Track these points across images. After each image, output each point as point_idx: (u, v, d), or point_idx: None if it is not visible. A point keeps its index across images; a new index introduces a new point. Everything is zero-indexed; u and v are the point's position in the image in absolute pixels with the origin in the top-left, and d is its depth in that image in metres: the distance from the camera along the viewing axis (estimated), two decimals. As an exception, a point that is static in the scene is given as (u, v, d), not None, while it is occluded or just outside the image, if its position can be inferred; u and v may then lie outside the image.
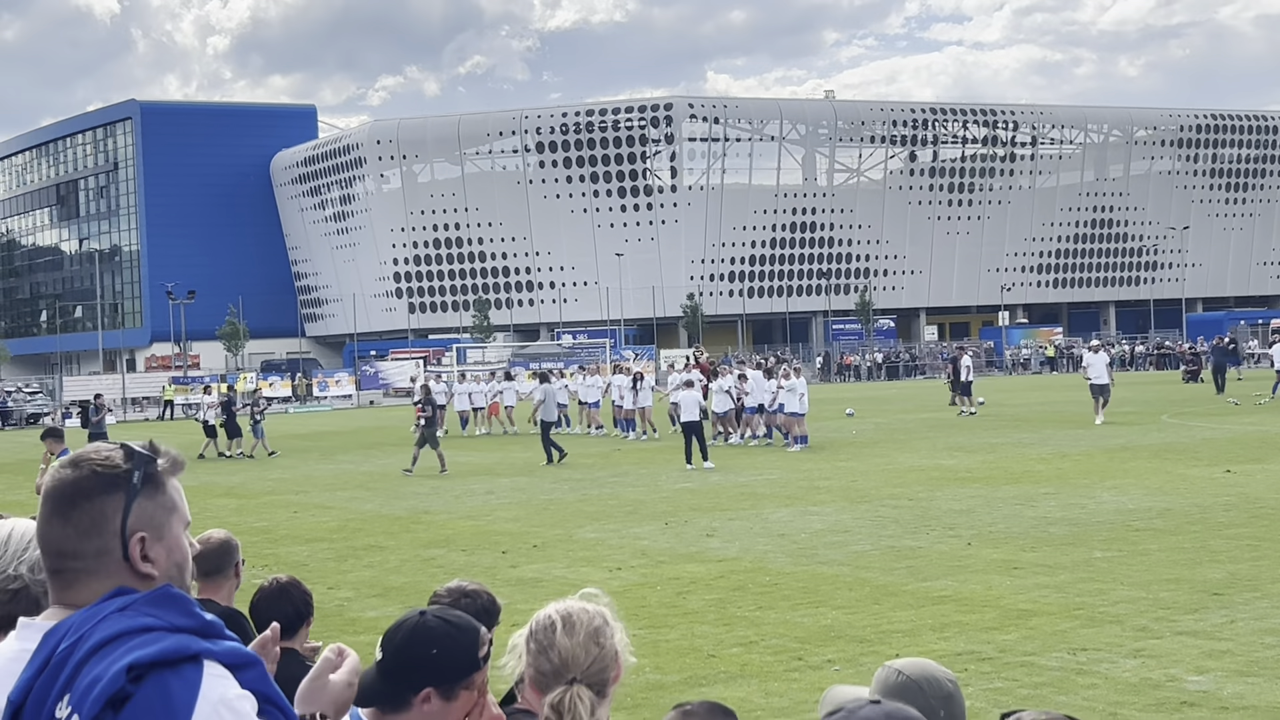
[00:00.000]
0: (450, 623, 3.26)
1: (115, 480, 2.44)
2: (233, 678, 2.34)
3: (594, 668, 3.14)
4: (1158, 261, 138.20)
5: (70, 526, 2.42)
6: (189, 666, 2.29)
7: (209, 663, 2.32)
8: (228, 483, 31.37)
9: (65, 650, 2.32)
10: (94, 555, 2.42)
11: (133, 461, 2.46)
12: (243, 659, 2.38)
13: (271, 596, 5.21)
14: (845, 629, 12.42)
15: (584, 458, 33.73)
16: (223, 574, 5.78)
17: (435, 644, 3.22)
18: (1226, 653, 10.95)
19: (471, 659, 3.24)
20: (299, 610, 5.17)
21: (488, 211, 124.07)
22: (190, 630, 2.35)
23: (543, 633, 3.19)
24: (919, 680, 3.04)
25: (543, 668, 3.15)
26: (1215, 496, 20.77)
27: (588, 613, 3.23)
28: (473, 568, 16.97)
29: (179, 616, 2.36)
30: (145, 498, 2.46)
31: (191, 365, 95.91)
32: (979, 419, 42.19)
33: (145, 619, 2.33)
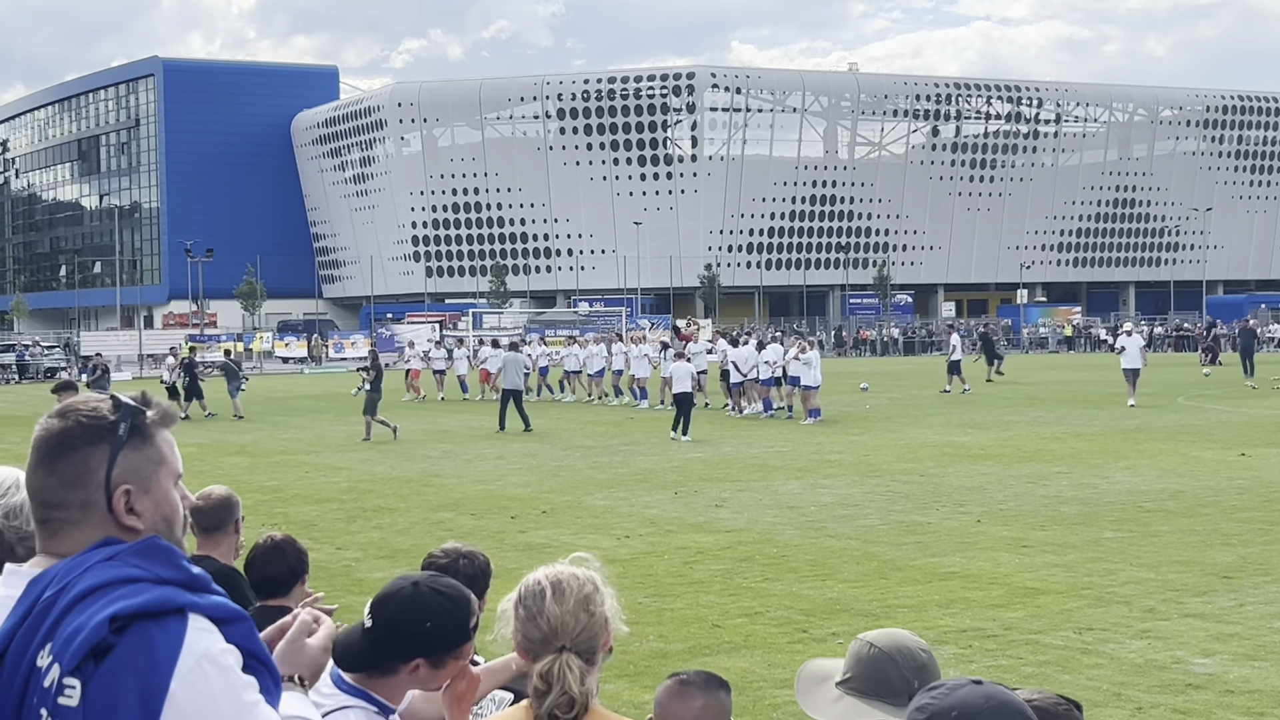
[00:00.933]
0: (444, 594, 3.24)
1: (100, 431, 2.41)
2: (218, 632, 2.31)
3: (583, 635, 3.08)
4: (1179, 243, 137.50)
5: (55, 477, 2.40)
6: (173, 619, 2.27)
7: (194, 616, 2.29)
8: (240, 441, 31.45)
9: (49, 599, 2.30)
10: (78, 506, 2.40)
11: (119, 413, 2.44)
12: (229, 613, 2.34)
13: (268, 554, 5.20)
14: (851, 603, 12.40)
15: (596, 425, 33.73)
16: (222, 530, 5.76)
17: (429, 617, 3.19)
18: (1234, 636, 10.91)
19: (463, 631, 3.23)
20: (293, 568, 5.16)
21: (507, 177, 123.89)
22: (176, 583, 2.32)
23: (532, 599, 3.11)
24: (890, 651, 3.03)
25: (531, 635, 3.08)
26: (1229, 479, 20.69)
27: (578, 579, 3.15)
28: (481, 532, 16.99)
29: (165, 569, 2.33)
30: (131, 449, 2.43)
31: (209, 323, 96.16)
32: (995, 396, 42.09)
33: (130, 570, 2.31)
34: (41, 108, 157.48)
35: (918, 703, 2.17)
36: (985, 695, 2.12)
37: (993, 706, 2.12)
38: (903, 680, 2.90)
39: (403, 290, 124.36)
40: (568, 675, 3.00)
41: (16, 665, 2.29)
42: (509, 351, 36.11)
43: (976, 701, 2.11)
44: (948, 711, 2.11)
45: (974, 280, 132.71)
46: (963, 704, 2.11)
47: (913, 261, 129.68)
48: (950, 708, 2.11)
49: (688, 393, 30.39)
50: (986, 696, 2.12)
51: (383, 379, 32.22)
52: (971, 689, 2.14)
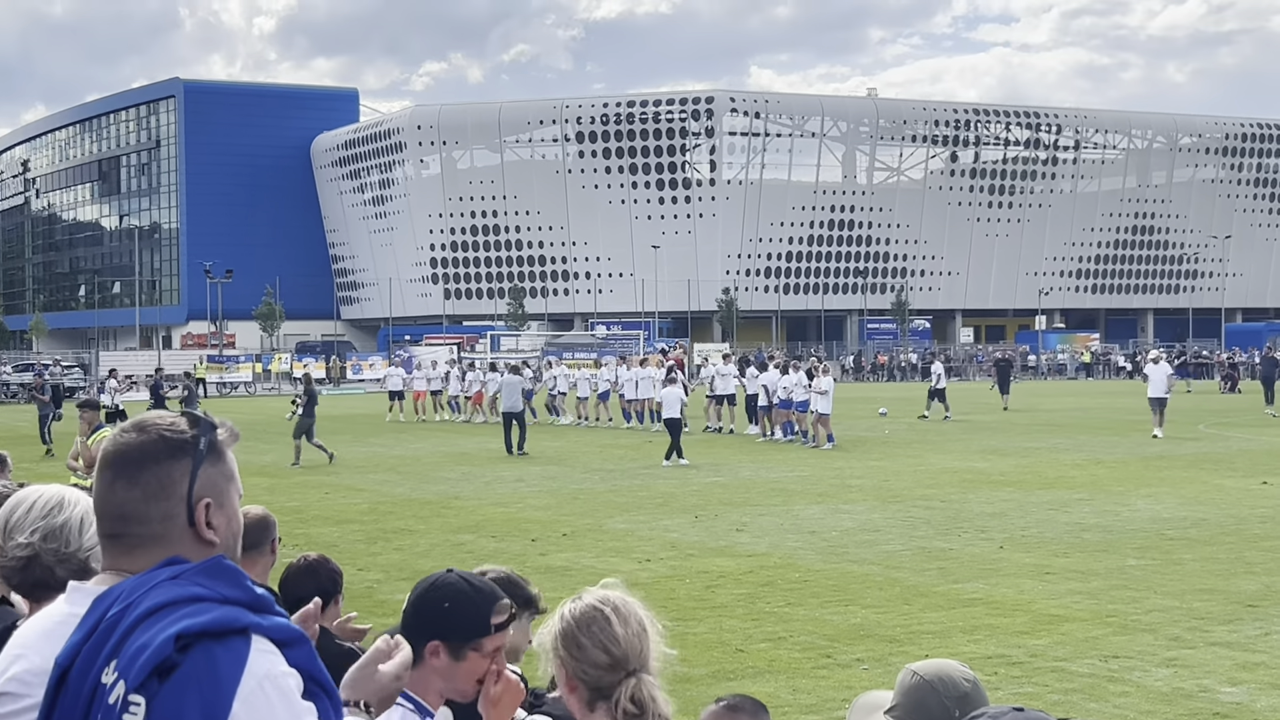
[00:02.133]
0: (470, 583, 3.35)
1: (183, 445, 2.45)
2: (280, 654, 2.32)
3: (644, 655, 3.09)
4: (1198, 270, 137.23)
5: (137, 489, 2.42)
6: (237, 639, 2.28)
7: (257, 637, 2.31)
8: (260, 461, 31.49)
9: (115, 616, 2.32)
10: (160, 520, 2.43)
11: (198, 428, 2.49)
12: (291, 635, 2.36)
13: (300, 574, 5.20)
14: (875, 628, 12.37)
15: (615, 449, 33.73)
16: (259, 550, 5.76)
17: (448, 599, 3.31)
18: (1260, 665, 10.86)
19: (481, 622, 3.30)
20: (325, 588, 5.15)
21: (526, 200, 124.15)
22: (240, 603, 2.34)
23: (596, 626, 3.09)
24: (932, 680, 3.06)
25: (598, 661, 3.05)
26: (1251, 508, 20.61)
27: (628, 602, 3.16)
28: (502, 554, 16.98)
29: (230, 588, 2.35)
30: (209, 464, 2.48)
31: (227, 344, 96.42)
32: (1014, 423, 42.00)
33: (195, 588, 2.33)
34: (62, 128, 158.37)
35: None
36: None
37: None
38: (943, 709, 2.91)
39: (421, 312, 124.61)
40: (657, 694, 3.02)
41: (81, 682, 2.31)
42: (509, 375, 36.18)
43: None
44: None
45: (992, 306, 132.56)
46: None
47: (931, 287, 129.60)
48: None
49: (677, 418, 30.11)
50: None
51: (316, 404, 32.17)
52: (1014, 716, 2.14)
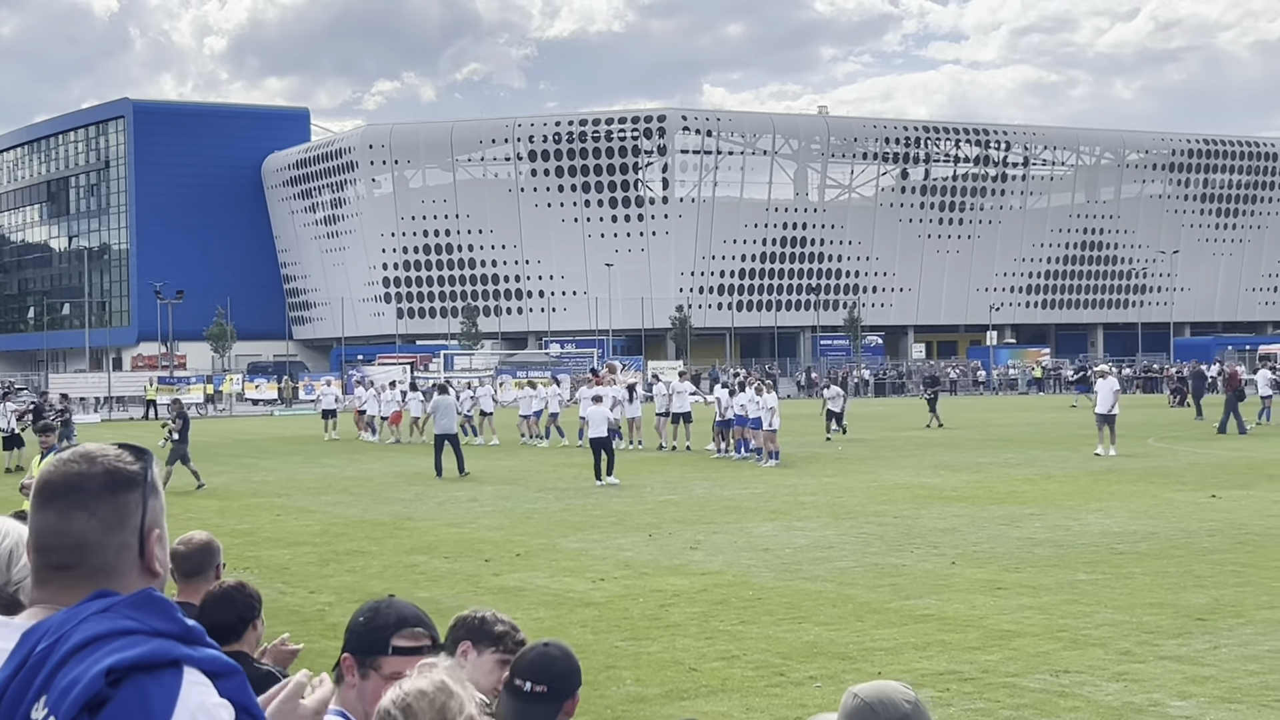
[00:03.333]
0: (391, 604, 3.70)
1: (134, 477, 2.45)
2: (212, 686, 2.31)
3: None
4: (1146, 285, 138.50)
5: (96, 520, 2.41)
6: (169, 672, 2.26)
7: (189, 669, 2.29)
8: (211, 484, 31.24)
9: (44, 650, 2.29)
10: (115, 551, 2.41)
11: (143, 460, 2.48)
12: (223, 667, 2.35)
13: (217, 600, 5.17)
14: (828, 645, 12.38)
15: (569, 467, 33.67)
16: (203, 576, 5.72)
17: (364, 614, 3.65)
18: (1210, 679, 10.93)
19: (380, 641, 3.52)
20: (242, 614, 5.14)
21: (479, 218, 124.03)
22: (171, 635, 2.32)
23: None
24: (872, 702, 3.08)
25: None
26: (1200, 521, 20.77)
27: (427, 696, 3.01)
28: (455, 575, 16.92)
29: (160, 620, 2.33)
30: (153, 496, 2.48)
31: (178, 365, 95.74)
32: (966, 439, 42.21)
33: (126, 622, 2.30)
34: (11, 149, 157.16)
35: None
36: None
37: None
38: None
39: (374, 331, 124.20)
40: None
41: (10, 716, 2.28)
42: (438, 395, 35.26)
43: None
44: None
45: (944, 322, 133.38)
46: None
47: (883, 303, 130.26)
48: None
49: (605, 437, 29.63)
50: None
51: (189, 429, 31.77)
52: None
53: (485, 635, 4.62)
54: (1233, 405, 43.64)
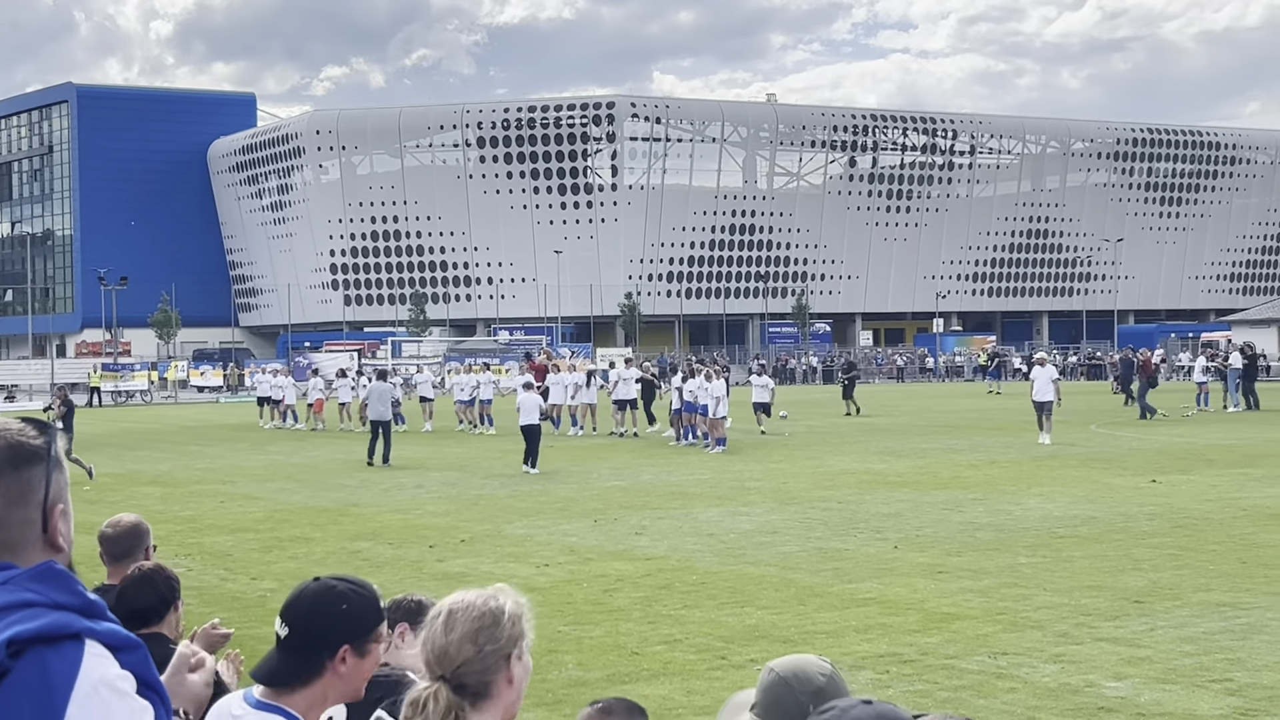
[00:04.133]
0: (348, 580, 3.45)
1: (38, 451, 2.42)
2: (113, 658, 2.29)
3: (467, 669, 2.96)
4: (1091, 273, 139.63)
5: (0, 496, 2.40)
6: (70, 644, 2.25)
7: (90, 642, 2.27)
8: (154, 471, 31.05)
9: None
10: (19, 525, 2.39)
11: (46, 435, 2.46)
12: (124, 641, 2.33)
13: (137, 584, 5.13)
14: (770, 629, 12.45)
15: (515, 455, 33.63)
16: (132, 558, 5.69)
17: (344, 600, 3.38)
18: (1145, 660, 11.06)
19: (378, 611, 3.42)
20: (163, 597, 5.11)
21: (427, 205, 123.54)
22: (72, 608, 2.30)
23: (429, 622, 3.04)
24: (786, 676, 3.09)
25: (423, 657, 3.02)
26: (1140, 506, 21.00)
27: (475, 610, 3.00)
28: (399, 561, 16.90)
29: (62, 594, 2.31)
30: (58, 471, 2.45)
31: (123, 352, 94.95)
32: (911, 426, 42.45)
33: (27, 594, 2.29)
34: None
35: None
36: (877, 715, 2.13)
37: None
38: (798, 705, 2.91)
39: (321, 318, 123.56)
40: (430, 706, 2.91)
41: None
42: (376, 381, 34.73)
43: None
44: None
45: (891, 309, 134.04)
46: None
47: (831, 290, 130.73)
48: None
49: (535, 424, 29.39)
50: (878, 716, 2.12)
51: (74, 417, 31.45)
52: (863, 709, 2.14)
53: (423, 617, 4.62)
54: (1143, 391, 44.59)
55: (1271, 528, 18.38)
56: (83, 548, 3.59)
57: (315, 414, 46.62)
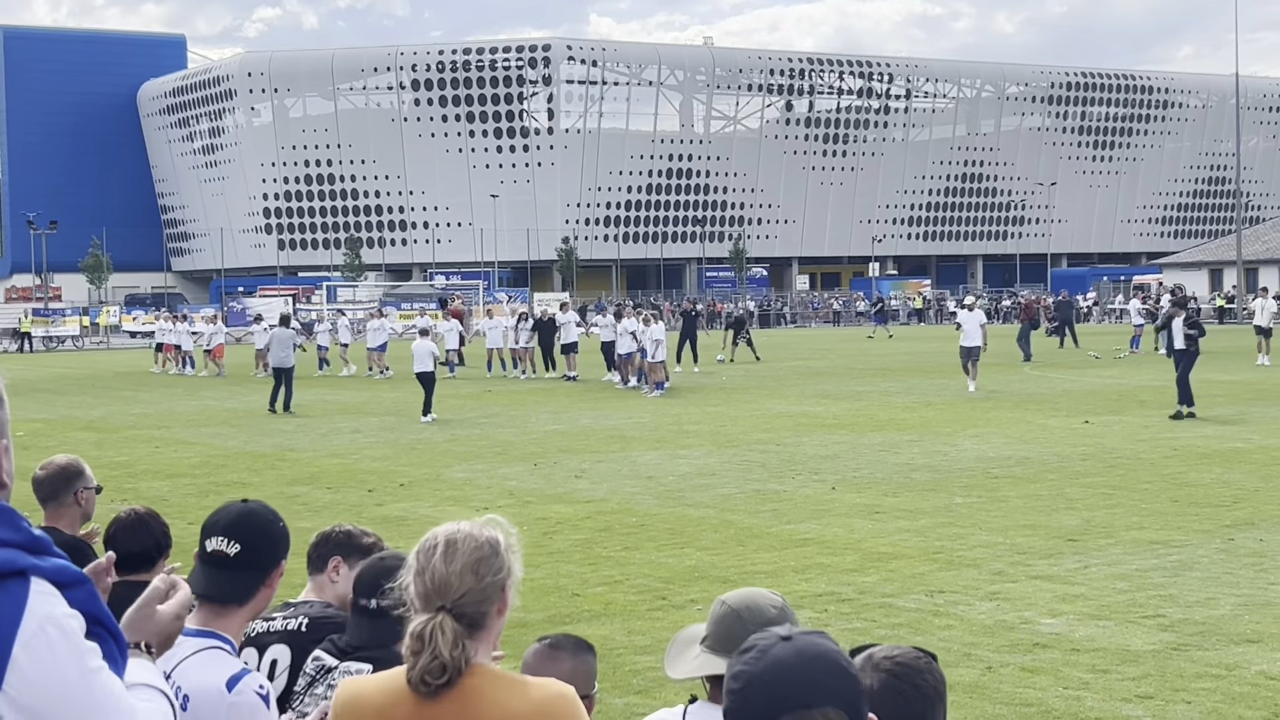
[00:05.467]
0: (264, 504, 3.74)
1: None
2: (60, 596, 2.24)
3: (468, 599, 2.95)
4: (1025, 217, 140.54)
5: None
6: (15, 582, 2.19)
7: (36, 579, 2.21)
8: (88, 416, 30.76)
9: None
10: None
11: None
12: (71, 577, 2.28)
13: (132, 527, 5.00)
14: (709, 570, 12.53)
15: (454, 399, 33.56)
16: (60, 500, 5.56)
17: (279, 519, 3.64)
18: (1080, 597, 11.22)
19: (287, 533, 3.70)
20: (157, 542, 5.00)
21: (361, 149, 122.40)
22: (17, 545, 2.24)
23: (424, 553, 3.00)
24: (738, 609, 3.13)
25: (418, 589, 2.98)
26: (1073, 446, 21.25)
27: (475, 540, 3.00)
28: (338, 505, 16.85)
29: (6, 529, 2.25)
30: (1, 407, 2.39)
31: (53, 297, 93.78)
32: (849, 368, 42.69)
33: None
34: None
35: (733, 668, 2.15)
36: (796, 652, 2.12)
37: (805, 661, 2.12)
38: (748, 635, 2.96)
39: (255, 263, 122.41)
40: (439, 638, 2.90)
41: None
42: (278, 327, 33.85)
43: (788, 660, 2.11)
44: (761, 676, 2.11)
45: (828, 254, 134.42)
46: (775, 666, 2.11)
47: (768, 235, 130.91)
48: (763, 672, 2.11)
49: (429, 371, 28.68)
50: (798, 653, 2.11)
51: None
52: (782, 647, 2.13)
53: (355, 548, 4.60)
54: (1025, 333, 44.97)
55: (1202, 467, 18.66)
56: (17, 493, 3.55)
57: (214, 359, 46.13)
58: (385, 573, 3.80)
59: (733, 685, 2.13)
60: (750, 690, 2.10)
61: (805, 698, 2.08)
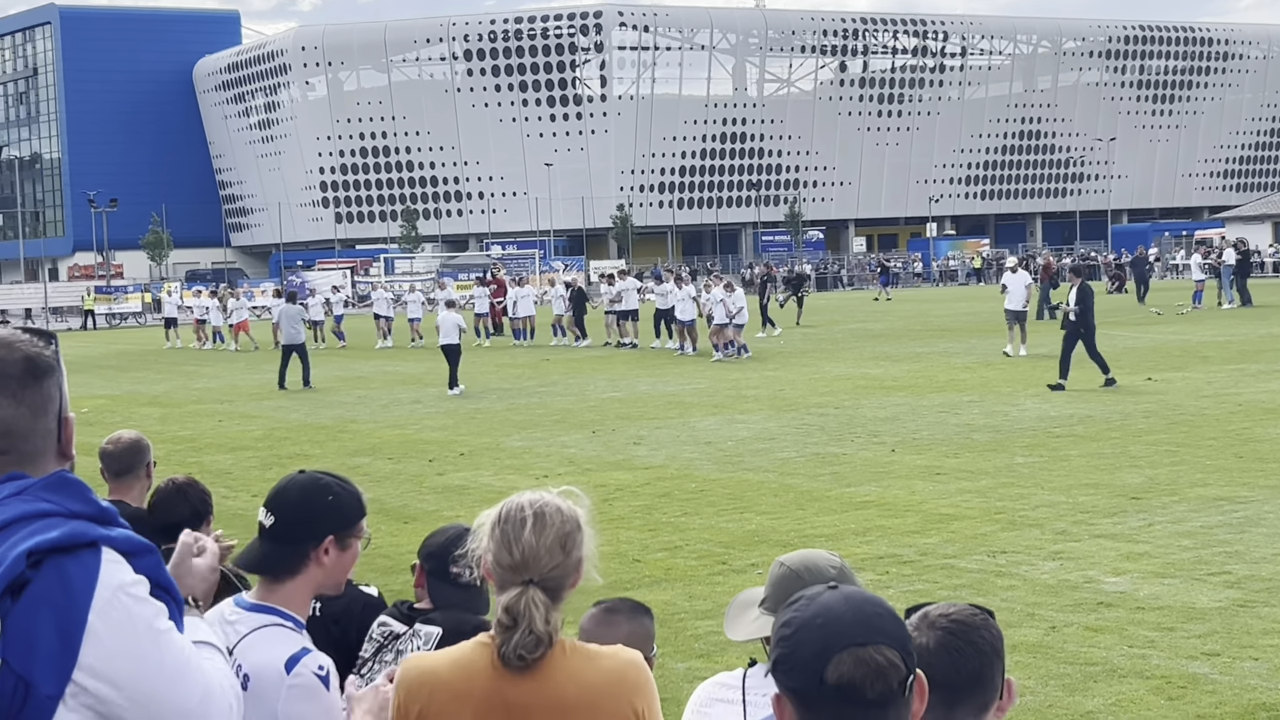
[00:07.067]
0: (332, 474, 3.52)
1: (52, 364, 2.45)
2: (127, 564, 2.33)
3: (554, 573, 2.96)
4: (1084, 173, 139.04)
5: (24, 407, 2.40)
6: (88, 552, 2.28)
7: (106, 549, 2.31)
8: (151, 392, 31.09)
9: None
10: (41, 436, 2.42)
11: (53, 344, 2.49)
12: (137, 546, 2.37)
13: (171, 496, 5.14)
14: (769, 534, 12.52)
15: (512, 367, 33.66)
16: (133, 474, 5.70)
17: (329, 491, 3.43)
18: (1144, 555, 11.14)
19: (361, 504, 3.47)
20: (196, 510, 5.11)
21: (415, 120, 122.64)
22: (87, 517, 2.33)
23: (511, 524, 2.98)
24: (798, 569, 3.13)
25: (502, 560, 2.97)
26: (1135, 404, 21.06)
27: (562, 514, 3.01)
28: (399, 476, 16.96)
29: (76, 502, 2.35)
30: (64, 380, 2.49)
31: (115, 274, 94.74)
32: (906, 329, 42.45)
33: (42, 504, 2.32)
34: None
35: (782, 618, 2.15)
36: (844, 597, 2.14)
37: (855, 605, 2.14)
38: None
39: (312, 237, 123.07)
40: (533, 612, 2.90)
41: None
42: (285, 303, 33.58)
43: (838, 605, 2.13)
44: (813, 620, 2.12)
45: (884, 215, 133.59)
46: (826, 609, 2.13)
47: (823, 198, 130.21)
48: (814, 616, 2.12)
49: (455, 344, 28.25)
50: (845, 598, 2.14)
51: None
52: (830, 594, 2.16)
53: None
54: (1045, 294, 44.04)
55: (1267, 422, 18.46)
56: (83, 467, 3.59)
57: (240, 334, 46.54)
58: (455, 540, 3.82)
59: (783, 631, 2.14)
60: (802, 633, 2.11)
61: (858, 637, 2.09)
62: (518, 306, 43.50)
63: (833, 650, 2.08)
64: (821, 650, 2.08)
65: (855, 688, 2.07)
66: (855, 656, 2.07)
